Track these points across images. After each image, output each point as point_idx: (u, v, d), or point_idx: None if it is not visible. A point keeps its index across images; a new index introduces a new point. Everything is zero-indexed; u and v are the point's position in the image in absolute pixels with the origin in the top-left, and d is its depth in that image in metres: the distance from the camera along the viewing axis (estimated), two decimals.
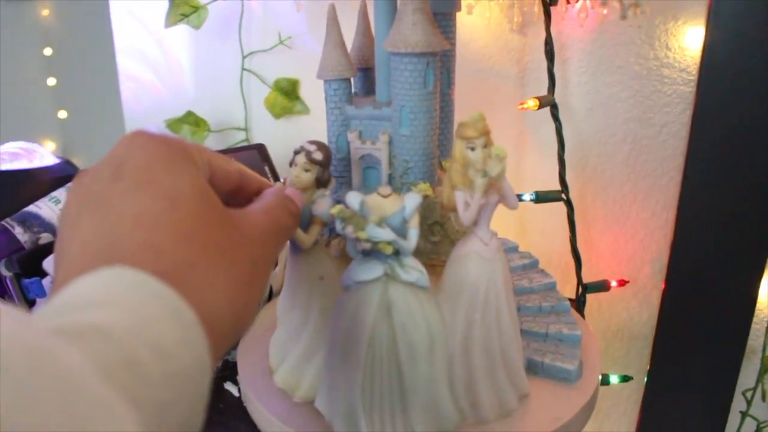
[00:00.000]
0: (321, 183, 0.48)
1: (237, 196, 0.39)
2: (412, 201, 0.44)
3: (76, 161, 0.92)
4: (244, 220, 0.34)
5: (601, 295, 0.79)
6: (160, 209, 0.29)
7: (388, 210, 0.44)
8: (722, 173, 0.58)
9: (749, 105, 0.55)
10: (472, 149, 0.43)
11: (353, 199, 0.44)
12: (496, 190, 0.45)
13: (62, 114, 2.15)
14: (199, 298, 0.27)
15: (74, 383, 0.20)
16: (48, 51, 2.16)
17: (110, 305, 0.24)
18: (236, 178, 0.39)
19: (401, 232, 0.44)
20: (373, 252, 0.44)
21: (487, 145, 0.44)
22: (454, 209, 0.45)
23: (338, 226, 0.43)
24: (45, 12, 2.15)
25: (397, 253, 0.44)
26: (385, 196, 0.44)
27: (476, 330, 0.46)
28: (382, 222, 0.43)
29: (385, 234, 0.43)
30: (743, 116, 0.56)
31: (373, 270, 0.44)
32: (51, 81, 2.16)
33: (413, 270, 0.45)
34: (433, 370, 0.46)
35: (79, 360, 0.21)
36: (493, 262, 0.46)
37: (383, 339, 0.45)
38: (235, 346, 0.60)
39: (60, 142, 2.14)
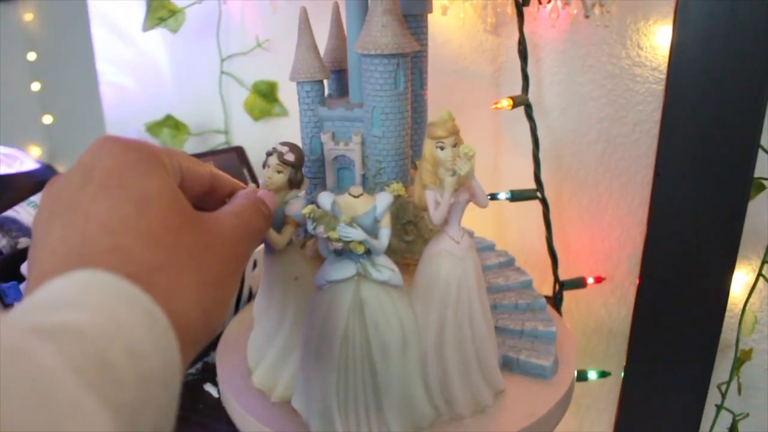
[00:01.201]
0: (294, 184, 0.49)
1: (210, 199, 0.39)
2: (383, 201, 0.45)
3: (62, 166, 0.92)
4: (214, 223, 0.34)
5: (580, 292, 0.80)
6: (128, 213, 0.29)
7: (360, 210, 0.44)
8: (693, 170, 0.59)
9: (717, 102, 0.56)
10: (442, 148, 0.44)
11: (325, 199, 0.45)
12: (466, 189, 0.46)
13: (47, 119, 2.14)
14: (169, 300, 0.28)
15: (50, 382, 0.20)
16: (32, 56, 2.15)
17: (83, 307, 0.24)
18: (208, 181, 0.39)
19: (373, 231, 0.44)
20: (345, 252, 0.45)
21: (457, 144, 0.44)
22: (426, 208, 0.46)
23: (309, 226, 0.44)
24: (28, 16, 2.14)
25: (369, 253, 0.45)
26: (356, 196, 0.45)
27: (449, 327, 0.46)
28: (353, 222, 0.43)
29: (356, 233, 0.43)
30: (712, 114, 0.57)
31: (345, 269, 0.45)
32: (35, 86, 2.15)
33: (385, 269, 0.45)
34: (407, 368, 0.46)
35: (54, 359, 0.21)
36: (464, 260, 0.47)
37: (356, 338, 0.45)
38: (214, 348, 0.61)
39: (46, 147, 2.13)
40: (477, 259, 0.48)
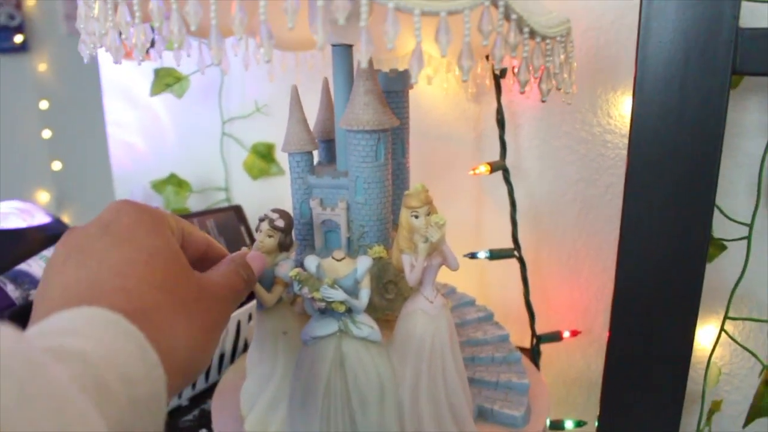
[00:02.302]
0: (283, 247, 0.53)
1: (203, 262, 0.44)
2: (363, 263, 0.49)
3: (69, 211, 0.97)
4: (205, 281, 0.40)
5: (560, 344, 0.84)
6: (137, 260, 0.35)
7: (342, 272, 0.49)
8: (654, 231, 0.63)
9: (675, 168, 0.61)
10: (416, 217, 0.49)
11: (310, 262, 0.49)
12: (438, 254, 0.50)
13: (56, 165, 2.21)
14: (161, 338, 0.33)
15: (63, 393, 0.25)
16: (44, 104, 2.23)
17: (88, 337, 0.29)
18: (203, 245, 0.45)
19: (353, 292, 0.49)
20: (328, 310, 0.49)
21: (430, 213, 0.49)
22: (403, 270, 0.50)
23: (296, 287, 0.48)
24: (42, 66, 2.22)
25: (349, 311, 0.49)
26: (338, 260, 0.49)
27: (423, 380, 0.50)
28: (335, 283, 0.48)
29: (338, 294, 0.47)
30: (670, 179, 0.61)
31: (328, 326, 0.49)
32: (46, 133, 2.22)
33: (365, 326, 0.49)
34: (384, 417, 0.50)
35: (64, 377, 0.26)
36: (437, 318, 0.51)
37: (337, 389, 0.49)
38: (210, 395, 0.64)
39: (54, 192, 2.19)
40: (450, 317, 0.52)
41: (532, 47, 0.45)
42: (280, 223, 0.52)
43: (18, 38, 2.20)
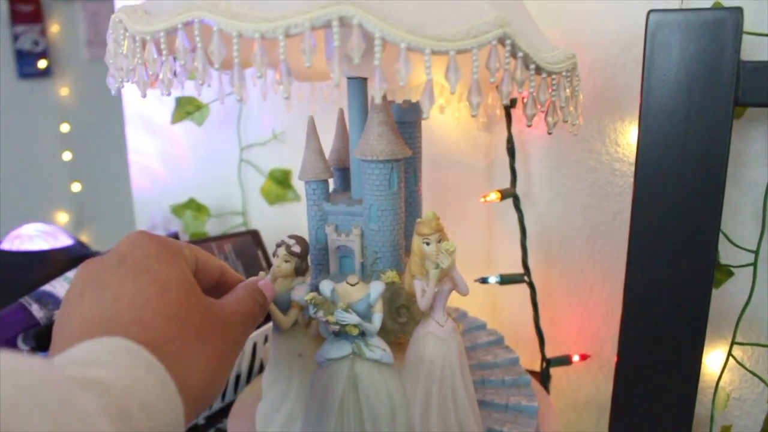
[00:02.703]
0: (299, 272, 0.55)
1: (219, 288, 0.47)
2: (376, 288, 0.51)
3: (88, 232, 1.00)
4: (219, 308, 0.41)
5: (570, 369, 0.85)
6: (152, 292, 0.37)
7: (355, 297, 0.51)
8: (661, 258, 0.65)
9: (680, 195, 0.63)
10: (428, 244, 0.51)
11: (325, 287, 0.51)
12: (448, 279, 0.52)
13: (76, 187, 2.25)
14: (177, 366, 0.34)
15: (91, 421, 0.26)
16: (65, 127, 2.28)
17: (109, 366, 0.31)
18: (218, 273, 0.47)
19: (366, 315, 0.51)
20: (342, 333, 0.51)
21: (441, 240, 0.51)
22: (414, 295, 0.52)
23: (311, 310, 0.50)
24: (64, 91, 2.27)
25: (363, 334, 0.51)
26: (352, 285, 0.51)
27: (433, 402, 0.52)
28: (348, 307, 0.50)
29: (351, 318, 0.49)
30: (676, 207, 0.63)
31: (341, 349, 0.51)
32: (67, 155, 2.27)
33: (377, 349, 0.51)
34: None
35: (92, 405, 0.27)
36: (448, 341, 0.53)
37: (350, 410, 0.51)
38: (226, 414, 0.66)
39: (73, 213, 2.23)
40: (460, 341, 0.54)
41: (538, 82, 0.47)
42: (297, 248, 0.54)
43: (42, 63, 2.26)
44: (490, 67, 0.42)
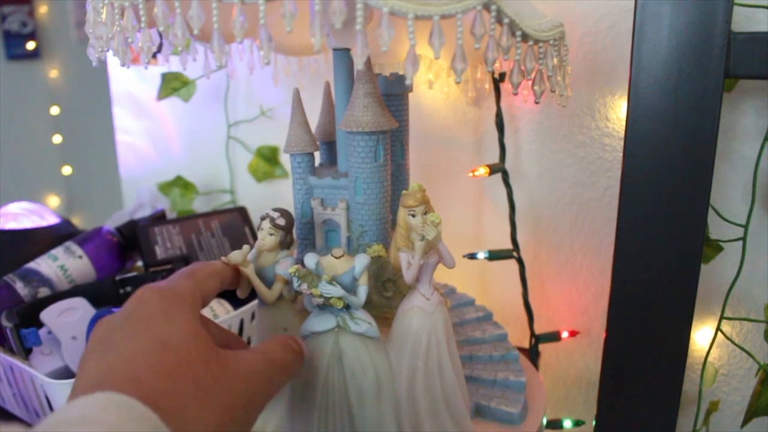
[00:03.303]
0: (284, 245, 0.55)
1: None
2: (361, 261, 0.50)
3: (79, 216, 0.99)
4: (233, 359, 0.40)
5: (559, 345, 0.85)
6: (150, 350, 0.36)
7: (340, 269, 0.50)
8: (649, 234, 0.64)
9: (669, 170, 0.62)
10: (413, 216, 0.50)
11: (310, 259, 0.51)
12: (434, 252, 0.52)
13: (66, 170, 2.23)
14: (173, 419, 0.33)
15: None
16: (55, 110, 2.26)
17: (101, 423, 0.30)
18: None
19: (352, 288, 0.50)
20: (326, 306, 0.50)
21: (427, 212, 0.51)
22: (400, 268, 0.51)
23: (295, 283, 0.50)
24: (53, 73, 2.25)
25: (348, 307, 0.50)
26: (337, 257, 0.51)
27: (419, 376, 0.52)
28: (333, 280, 0.49)
29: (335, 290, 0.49)
30: (665, 181, 0.62)
31: (326, 322, 0.51)
32: (57, 138, 2.25)
33: (363, 322, 0.51)
34: (381, 412, 0.51)
35: None
36: (434, 315, 0.52)
37: (335, 384, 0.50)
38: None
39: (64, 196, 2.21)
40: (446, 315, 0.54)
41: (524, 50, 0.47)
42: (281, 221, 0.53)
43: (30, 45, 2.23)
44: (474, 32, 0.41)
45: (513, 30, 0.44)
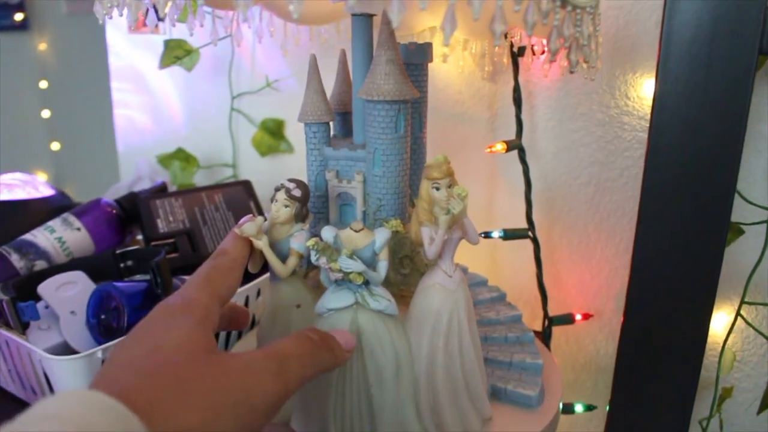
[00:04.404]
0: (299, 218, 0.52)
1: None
2: (382, 235, 0.48)
3: (69, 193, 0.96)
4: (225, 358, 0.38)
5: (569, 329, 0.83)
6: (139, 355, 0.37)
7: (360, 243, 0.48)
8: (673, 215, 0.62)
9: (696, 151, 0.60)
10: (437, 189, 0.48)
11: (328, 232, 0.48)
12: (458, 227, 0.49)
13: (55, 146, 2.19)
14: (144, 414, 0.31)
15: None
16: (44, 84, 2.21)
17: (58, 416, 0.29)
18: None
19: (371, 263, 0.48)
20: (344, 282, 0.48)
21: (451, 185, 0.48)
22: (422, 243, 0.49)
23: (313, 256, 0.47)
24: (42, 46, 2.20)
25: (367, 283, 0.48)
26: (357, 231, 0.48)
27: (439, 356, 0.50)
28: (353, 254, 0.47)
29: (356, 265, 0.46)
30: (691, 162, 0.60)
31: (344, 298, 0.48)
32: (45, 113, 2.20)
33: (382, 299, 0.48)
34: (400, 392, 0.49)
35: None
36: (455, 293, 0.50)
37: (353, 363, 0.48)
38: None
39: (52, 173, 2.17)
40: (468, 293, 0.51)
41: (563, 16, 0.44)
42: (297, 192, 0.51)
43: (18, 16, 2.18)
44: None
45: None
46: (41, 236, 0.77)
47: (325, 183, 0.58)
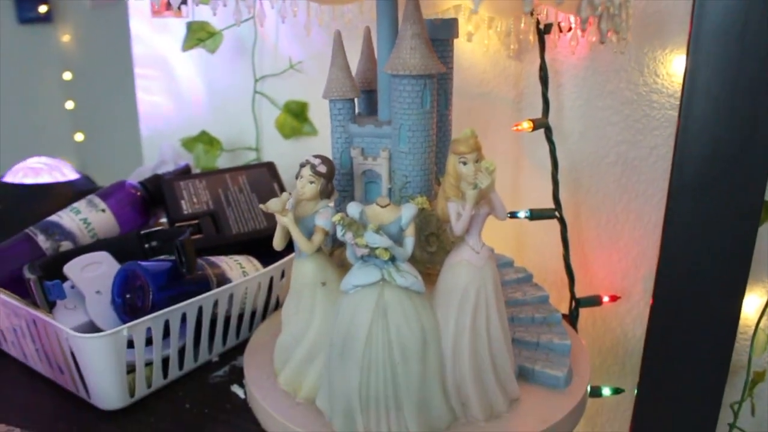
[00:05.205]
0: (324, 194, 0.52)
1: None
2: (408, 211, 0.48)
3: (94, 175, 0.96)
4: None
5: (596, 311, 0.82)
6: None
7: (386, 219, 0.47)
8: (705, 194, 0.61)
9: (728, 129, 0.58)
10: (464, 163, 0.47)
11: (354, 208, 0.48)
12: (486, 202, 0.49)
13: (79, 137, 2.21)
14: None
15: None
16: (68, 75, 2.23)
17: None
18: None
19: (398, 239, 0.47)
20: (371, 258, 0.47)
21: (479, 160, 0.47)
22: (448, 220, 0.48)
23: (339, 232, 0.47)
24: (66, 37, 2.21)
25: (393, 259, 0.47)
26: (383, 206, 0.48)
27: (466, 334, 0.49)
28: (380, 230, 0.46)
29: (383, 240, 0.46)
30: (723, 139, 0.59)
31: (370, 275, 0.48)
32: (69, 104, 2.22)
33: (409, 275, 0.48)
34: (426, 370, 0.48)
35: None
36: (483, 270, 0.49)
37: (379, 340, 0.48)
38: (241, 352, 0.64)
39: (76, 163, 2.18)
40: (495, 270, 0.51)
41: None
42: (323, 168, 0.51)
43: (42, 8, 2.20)
44: None
45: None
46: (67, 217, 0.77)
47: (350, 160, 0.57)
